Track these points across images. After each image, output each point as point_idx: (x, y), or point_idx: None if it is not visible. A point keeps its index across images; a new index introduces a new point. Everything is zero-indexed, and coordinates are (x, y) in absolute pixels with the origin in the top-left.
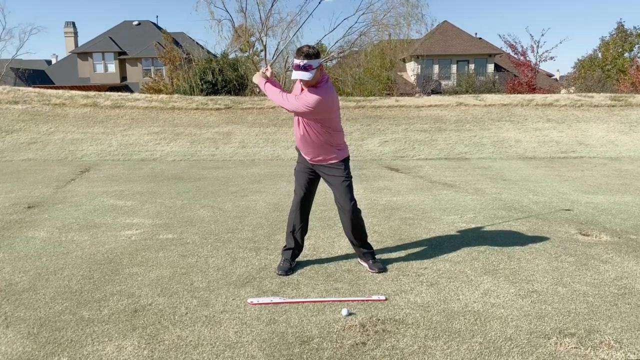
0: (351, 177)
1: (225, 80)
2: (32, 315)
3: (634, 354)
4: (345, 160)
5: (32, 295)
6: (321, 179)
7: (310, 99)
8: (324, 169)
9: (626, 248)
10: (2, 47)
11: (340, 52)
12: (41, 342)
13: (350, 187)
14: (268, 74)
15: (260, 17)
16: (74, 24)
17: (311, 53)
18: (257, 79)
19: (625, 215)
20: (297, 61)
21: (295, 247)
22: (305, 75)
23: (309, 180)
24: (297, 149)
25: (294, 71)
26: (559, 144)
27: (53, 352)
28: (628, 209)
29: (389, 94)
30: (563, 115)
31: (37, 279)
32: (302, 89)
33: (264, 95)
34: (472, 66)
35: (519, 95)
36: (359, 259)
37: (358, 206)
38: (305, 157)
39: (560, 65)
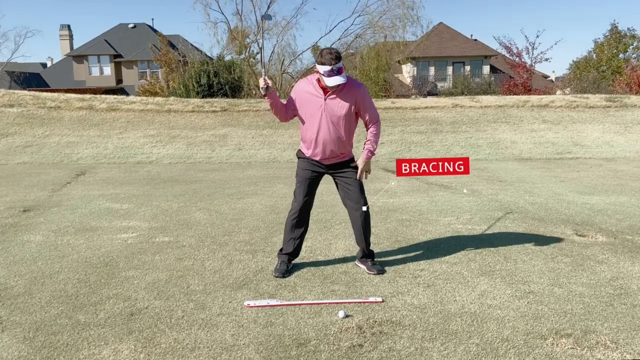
0: None
1: (221, 82)
2: (28, 320)
3: (630, 354)
4: (353, 158)
5: (28, 299)
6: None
7: (368, 97)
8: (340, 168)
9: (622, 248)
10: None
11: None
12: (37, 346)
13: (362, 184)
14: (270, 83)
15: (257, 20)
16: (69, 26)
17: (339, 55)
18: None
19: (621, 215)
20: (327, 68)
21: (293, 252)
22: (341, 79)
23: (312, 187)
24: (300, 155)
25: (327, 78)
26: (554, 145)
27: (49, 357)
28: (624, 209)
29: (385, 96)
30: (559, 116)
31: (32, 282)
32: (327, 92)
33: (260, 97)
34: (467, 68)
35: (515, 96)
36: (356, 261)
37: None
38: (323, 158)
39: (556, 66)
